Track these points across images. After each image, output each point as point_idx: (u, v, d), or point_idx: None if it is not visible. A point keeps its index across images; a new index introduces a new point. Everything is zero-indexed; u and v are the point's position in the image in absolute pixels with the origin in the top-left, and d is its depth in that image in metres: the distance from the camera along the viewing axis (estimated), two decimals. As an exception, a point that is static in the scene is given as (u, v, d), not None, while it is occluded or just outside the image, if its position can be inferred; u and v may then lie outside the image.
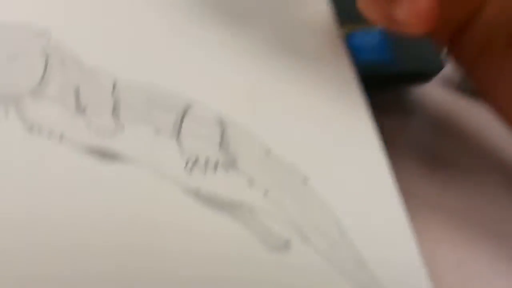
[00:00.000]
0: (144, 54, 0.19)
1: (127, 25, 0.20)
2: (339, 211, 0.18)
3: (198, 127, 0.18)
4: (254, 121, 0.19)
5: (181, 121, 0.18)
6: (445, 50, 0.22)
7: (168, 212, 0.17)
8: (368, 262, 0.17)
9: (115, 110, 0.18)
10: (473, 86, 0.23)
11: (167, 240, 0.16)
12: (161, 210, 0.17)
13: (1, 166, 0.16)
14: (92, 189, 0.16)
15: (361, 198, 0.18)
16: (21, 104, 0.17)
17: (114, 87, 0.18)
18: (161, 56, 0.19)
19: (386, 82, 0.26)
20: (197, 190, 0.17)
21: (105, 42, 0.19)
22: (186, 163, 0.18)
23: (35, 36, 0.19)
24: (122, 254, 0.16)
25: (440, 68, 0.26)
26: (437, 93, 0.28)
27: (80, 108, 0.18)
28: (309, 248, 0.17)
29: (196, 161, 0.18)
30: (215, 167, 0.18)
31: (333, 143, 0.19)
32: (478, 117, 0.26)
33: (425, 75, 0.27)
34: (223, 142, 0.18)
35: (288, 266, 0.17)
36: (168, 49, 0.20)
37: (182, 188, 0.17)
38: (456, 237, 0.21)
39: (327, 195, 0.18)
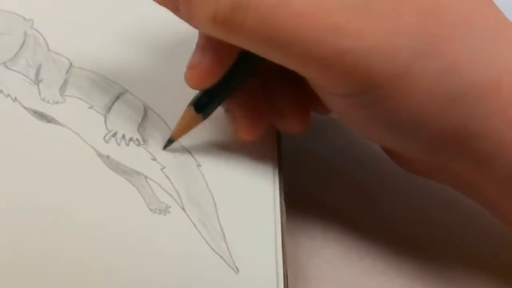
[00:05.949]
0: (98, 50, 0.25)
1: (94, 25, 0.26)
2: (217, 197, 0.22)
3: (126, 110, 0.23)
4: (170, 112, 0.24)
5: (113, 102, 0.23)
6: None
7: (81, 167, 0.22)
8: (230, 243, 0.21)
9: (62, 87, 0.23)
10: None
11: (75, 189, 0.21)
12: (76, 164, 0.22)
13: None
14: (26, 137, 0.22)
15: (241, 196, 0.23)
16: (-7, 70, 0.23)
17: (67, 70, 0.24)
18: (111, 54, 0.25)
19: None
20: (108, 156, 0.22)
21: (70, 36, 0.25)
22: (106, 135, 0.23)
23: (23, 22, 0.25)
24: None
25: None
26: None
27: (37, 80, 0.23)
28: (184, 215, 0.22)
29: (114, 135, 0.23)
30: (128, 142, 0.23)
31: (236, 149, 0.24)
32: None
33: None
34: (141, 124, 0.23)
35: (164, 226, 0.21)
36: (116, 49, 0.25)
37: (97, 152, 0.22)
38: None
39: (212, 182, 0.23)
